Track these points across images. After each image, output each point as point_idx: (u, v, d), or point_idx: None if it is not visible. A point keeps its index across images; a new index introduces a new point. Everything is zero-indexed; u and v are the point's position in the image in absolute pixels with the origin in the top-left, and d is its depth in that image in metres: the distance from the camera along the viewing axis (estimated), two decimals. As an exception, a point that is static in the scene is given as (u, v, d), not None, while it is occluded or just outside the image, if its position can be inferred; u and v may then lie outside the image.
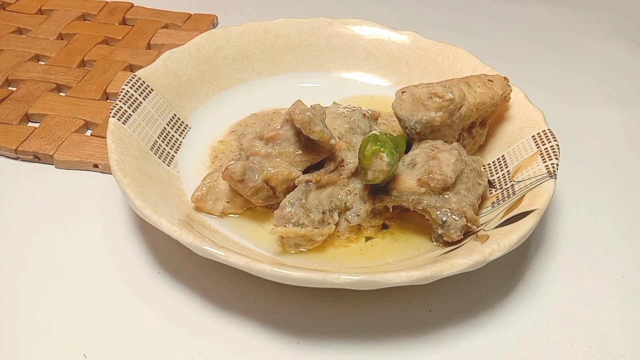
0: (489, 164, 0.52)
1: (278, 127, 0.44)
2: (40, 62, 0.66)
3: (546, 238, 0.49)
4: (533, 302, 0.43)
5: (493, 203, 0.47)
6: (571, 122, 0.64)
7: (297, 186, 0.44)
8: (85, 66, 0.66)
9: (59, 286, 0.42)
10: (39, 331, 0.39)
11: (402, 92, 0.49)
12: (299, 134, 0.44)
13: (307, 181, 0.44)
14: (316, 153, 0.45)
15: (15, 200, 0.49)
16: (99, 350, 0.38)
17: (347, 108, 0.50)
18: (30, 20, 0.72)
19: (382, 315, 0.42)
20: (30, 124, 0.57)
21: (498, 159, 0.52)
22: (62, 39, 0.70)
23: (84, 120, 0.56)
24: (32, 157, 0.52)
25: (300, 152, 0.44)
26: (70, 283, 0.43)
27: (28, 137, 0.53)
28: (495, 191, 0.49)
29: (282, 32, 0.63)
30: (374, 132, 0.43)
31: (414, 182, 0.43)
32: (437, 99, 0.46)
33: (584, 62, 0.75)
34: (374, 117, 0.52)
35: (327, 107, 0.51)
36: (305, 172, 0.45)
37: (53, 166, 0.53)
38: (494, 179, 0.50)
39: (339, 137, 0.47)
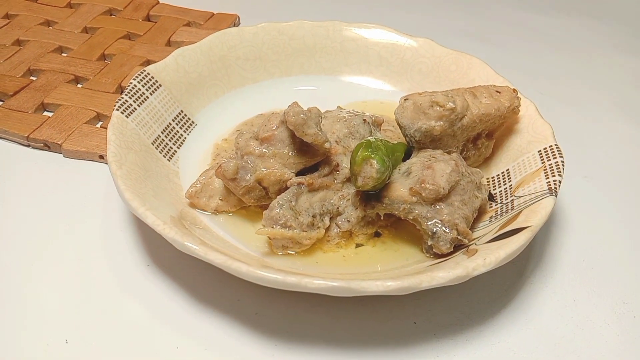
0: (493, 177, 0.51)
1: (274, 128, 0.44)
2: (63, 54, 0.68)
3: (547, 257, 0.47)
4: (524, 322, 0.42)
5: (491, 217, 0.46)
6: (588, 138, 0.61)
7: (289, 188, 0.44)
8: (105, 60, 0.67)
9: (50, 271, 0.43)
10: (24, 314, 0.40)
11: (405, 100, 0.48)
12: (294, 135, 0.43)
13: (299, 183, 0.44)
14: (310, 156, 0.44)
15: (21, 186, 0.51)
16: (80, 336, 0.39)
17: (350, 113, 0.50)
18: (58, 13, 0.74)
19: (365, 324, 0.41)
20: (45, 112, 0.59)
21: (503, 172, 0.50)
22: (87, 33, 0.72)
23: (96, 112, 0.58)
24: (42, 145, 0.54)
25: (294, 154, 0.44)
26: (61, 269, 0.44)
27: (40, 125, 0.55)
28: (496, 205, 0.47)
29: (296, 34, 0.63)
30: (368, 137, 0.43)
31: (405, 190, 0.42)
32: (438, 108, 0.45)
33: (608, 77, 0.72)
34: (377, 123, 0.51)
35: (329, 111, 0.51)
36: (299, 174, 0.45)
37: (61, 155, 0.54)
38: (495, 193, 0.49)
39: (336, 141, 0.47)
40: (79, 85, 0.63)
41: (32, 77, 0.63)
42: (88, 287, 0.42)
